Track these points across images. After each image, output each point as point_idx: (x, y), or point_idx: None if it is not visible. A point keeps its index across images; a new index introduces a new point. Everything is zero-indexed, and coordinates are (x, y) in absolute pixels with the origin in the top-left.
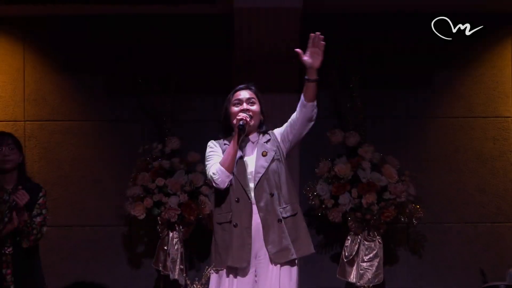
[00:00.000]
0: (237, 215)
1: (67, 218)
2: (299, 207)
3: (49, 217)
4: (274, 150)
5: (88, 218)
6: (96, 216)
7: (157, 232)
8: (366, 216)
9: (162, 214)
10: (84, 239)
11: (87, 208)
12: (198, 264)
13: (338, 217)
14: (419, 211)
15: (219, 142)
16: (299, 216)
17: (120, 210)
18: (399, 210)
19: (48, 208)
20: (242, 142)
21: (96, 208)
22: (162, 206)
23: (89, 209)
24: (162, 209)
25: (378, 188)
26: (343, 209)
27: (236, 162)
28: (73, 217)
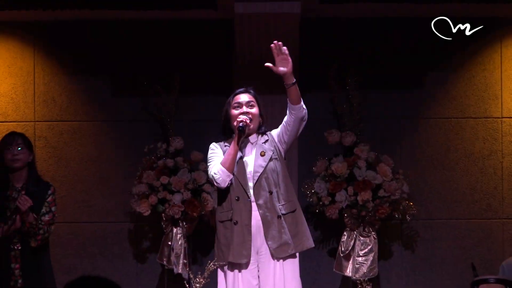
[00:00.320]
0: (237, 213)
1: (75, 214)
2: (298, 203)
3: (57, 214)
4: (272, 150)
5: (95, 214)
6: (103, 213)
7: (161, 228)
8: (361, 212)
9: (166, 211)
10: (92, 234)
11: (94, 205)
12: (201, 258)
13: (335, 213)
14: (412, 208)
15: (220, 144)
16: (298, 212)
17: (126, 207)
18: (393, 207)
19: (57, 205)
20: (242, 143)
21: (103, 205)
22: (166, 203)
23: (96, 206)
24: (166, 206)
25: (373, 186)
26: (339, 206)
27: (237, 162)
28: (80, 213)
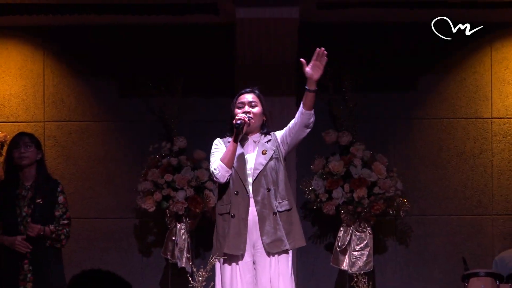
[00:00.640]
0: (235, 206)
1: (83, 211)
2: (294, 204)
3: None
4: (274, 149)
5: (102, 211)
6: (109, 209)
7: (165, 223)
8: (357, 209)
9: (170, 207)
10: (99, 230)
11: (101, 202)
12: (204, 253)
13: (332, 210)
14: (406, 204)
15: (224, 140)
16: (293, 211)
17: (131, 203)
18: (387, 203)
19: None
20: (245, 141)
21: (109, 201)
22: (170, 199)
23: (103, 202)
24: (170, 202)
25: (368, 184)
26: (336, 202)
27: (238, 158)
28: (88, 210)
